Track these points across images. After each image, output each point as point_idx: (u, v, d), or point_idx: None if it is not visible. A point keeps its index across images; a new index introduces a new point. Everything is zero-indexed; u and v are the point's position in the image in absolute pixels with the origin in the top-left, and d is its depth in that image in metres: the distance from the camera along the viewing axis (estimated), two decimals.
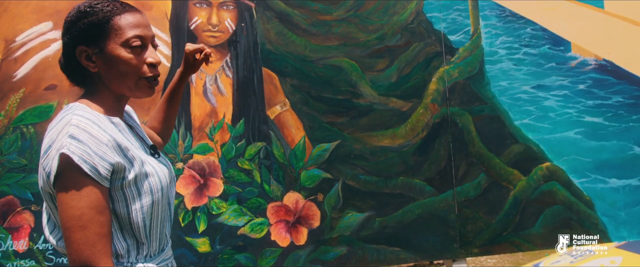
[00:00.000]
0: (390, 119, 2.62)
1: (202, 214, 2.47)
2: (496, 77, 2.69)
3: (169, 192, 1.30)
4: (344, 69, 2.61)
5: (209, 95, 2.52)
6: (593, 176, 2.69)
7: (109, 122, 1.21)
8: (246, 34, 2.56)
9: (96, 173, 1.10)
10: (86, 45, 1.21)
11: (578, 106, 2.71)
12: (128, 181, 1.16)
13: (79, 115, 1.15)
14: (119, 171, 1.15)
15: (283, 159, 2.54)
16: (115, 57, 1.21)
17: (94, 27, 1.20)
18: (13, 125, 2.35)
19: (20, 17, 2.37)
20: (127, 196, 1.17)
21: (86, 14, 1.21)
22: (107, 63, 1.22)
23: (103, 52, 1.21)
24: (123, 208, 1.17)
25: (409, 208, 2.60)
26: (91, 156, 1.10)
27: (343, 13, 2.63)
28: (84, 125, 1.13)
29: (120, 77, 1.23)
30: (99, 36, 1.21)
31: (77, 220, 1.08)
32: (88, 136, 1.11)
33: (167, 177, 1.28)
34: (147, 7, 2.48)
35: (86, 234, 1.08)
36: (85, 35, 1.20)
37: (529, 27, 2.74)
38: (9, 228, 2.33)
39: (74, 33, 1.21)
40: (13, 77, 2.36)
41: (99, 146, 1.11)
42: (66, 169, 1.09)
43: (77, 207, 1.08)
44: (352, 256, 2.54)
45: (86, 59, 1.21)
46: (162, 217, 1.27)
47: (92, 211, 1.09)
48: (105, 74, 1.23)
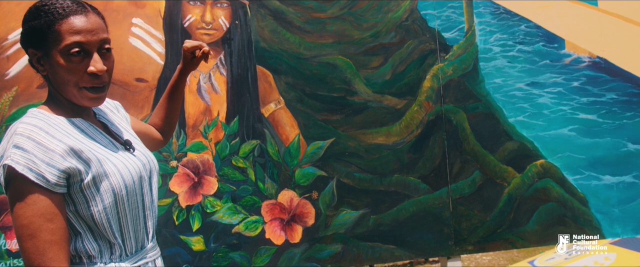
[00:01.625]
0: (384, 117, 2.62)
1: (197, 213, 2.46)
2: (490, 74, 2.69)
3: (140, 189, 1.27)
4: (339, 66, 2.60)
5: (203, 93, 2.51)
6: (587, 172, 2.70)
7: (68, 125, 1.19)
8: (240, 32, 2.55)
9: (44, 180, 1.08)
10: (34, 48, 1.19)
11: (572, 103, 2.72)
12: (86, 182, 1.15)
13: (26, 123, 1.13)
14: (74, 175, 1.13)
15: (277, 157, 2.53)
16: (55, 64, 1.17)
17: (37, 31, 1.17)
18: (5, 124, 2.33)
19: (12, 15, 2.35)
20: (88, 197, 1.16)
21: (32, 17, 1.18)
22: (51, 68, 1.19)
23: (47, 56, 1.18)
24: (86, 210, 1.16)
25: (404, 206, 2.60)
26: (36, 164, 1.08)
27: (337, 11, 2.63)
28: (29, 132, 1.11)
29: (62, 84, 1.19)
30: (42, 41, 1.17)
31: (26, 229, 1.07)
32: (33, 144, 1.09)
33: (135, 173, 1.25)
34: (141, 5, 2.47)
35: (35, 242, 1.08)
36: (31, 39, 1.18)
37: (523, 24, 2.74)
38: (2, 227, 2.32)
39: (22, 35, 1.19)
40: (5, 75, 2.34)
41: (46, 152, 1.10)
42: (12, 179, 1.09)
43: (24, 216, 1.08)
44: (346, 254, 2.54)
45: (36, 61, 1.20)
46: (133, 215, 1.25)
47: (40, 218, 1.08)
48: (53, 79, 1.20)
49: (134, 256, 1.25)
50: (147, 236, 1.31)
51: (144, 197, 1.29)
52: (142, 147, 1.38)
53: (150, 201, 1.32)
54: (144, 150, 1.37)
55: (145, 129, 1.59)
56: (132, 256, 1.25)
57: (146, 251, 1.29)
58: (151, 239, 1.33)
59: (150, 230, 1.32)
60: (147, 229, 1.31)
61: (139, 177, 1.26)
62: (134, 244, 1.26)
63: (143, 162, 1.30)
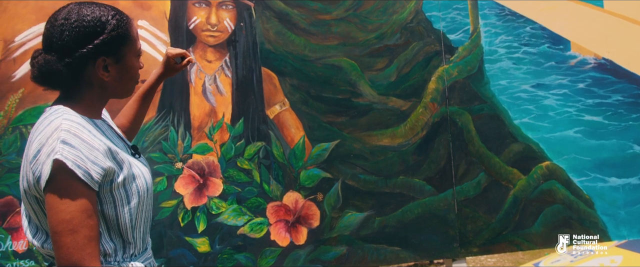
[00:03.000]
0: (389, 119, 2.62)
1: (202, 214, 2.46)
2: (496, 76, 2.69)
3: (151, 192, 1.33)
4: (343, 68, 2.61)
5: (208, 95, 2.52)
6: (593, 174, 2.69)
7: (93, 126, 1.22)
8: (245, 34, 2.56)
9: (89, 178, 1.11)
10: (106, 55, 1.22)
11: (578, 105, 2.71)
12: (117, 183, 1.18)
13: (69, 120, 1.15)
14: (109, 175, 1.16)
15: (282, 159, 2.53)
16: (129, 66, 1.28)
17: (119, 38, 1.23)
18: (12, 126, 2.35)
19: (18, 18, 2.37)
20: (116, 198, 1.19)
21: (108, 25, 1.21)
22: (120, 72, 1.26)
23: (120, 61, 1.25)
24: (111, 210, 1.19)
25: (409, 207, 2.60)
26: (84, 161, 1.11)
27: (342, 12, 2.63)
28: (75, 130, 1.13)
29: (127, 83, 1.30)
30: (120, 47, 1.24)
31: (67, 224, 1.09)
32: (80, 141, 1.12)
33: (150, 177, 1.32)
34: (146, 7, 2.48)
35: (76, 238, 1.09)
36: (109, 47, 1.22)
37: (529, 26, 2.74)
38: (8, 228, 2.33)
39: (98, 44, 1.20)
40: (12, 77, 2.36)
41: (91, 150, 1.13)
42: (59, 174, 1.10)
43: (67, 212, 1.09)
44: (351, 256, 2.54)
45: (103, 69, 1.22)
46: (145, 217, 1.30)
47: (83, 215, 1.10)
48: (113, 82, 1.26)
49: (142, 255, 1.29)
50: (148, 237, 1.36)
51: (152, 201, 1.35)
52: None
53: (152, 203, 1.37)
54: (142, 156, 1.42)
55: None
56: (140, 255, 1.29)
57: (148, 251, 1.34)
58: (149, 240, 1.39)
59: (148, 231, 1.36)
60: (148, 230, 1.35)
61: (151, 182, 1.32)
62: (141, 245, 1.30)
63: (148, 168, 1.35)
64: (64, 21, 1.19)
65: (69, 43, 1.18)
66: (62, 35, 1.18)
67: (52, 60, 1.17)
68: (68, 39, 1.18)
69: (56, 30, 1.19)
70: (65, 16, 1.20)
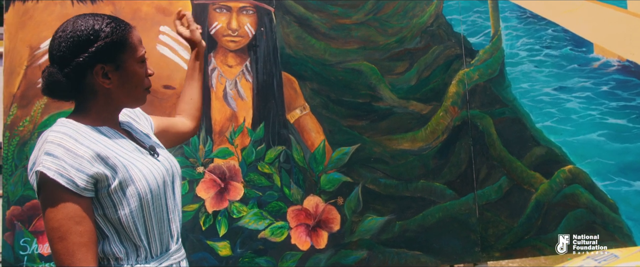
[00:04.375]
0: (410, 122, 2.61)
1: (223, 218, 2.48)
2: (517, 79, 2.67)
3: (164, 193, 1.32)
4: (364, 72, 2.61)
5: (229, 99, 2.54)
6: (617, 178, 2.65)
7: (95, 133, 1.25)
8: (266, 39, 2.57)
9: (74, 185, 1.14)
10: (104, 62, 1.25)
11: (601, 108, 2.68)
12: (113, 187, 1.20)
13: (56, 131, 1.19)
14: (101, 180, 1.19)
15: (303, 163, 2.54)
16: (131, 73, 1.29)
17: (114, 45, 1.26)
18: (38, 131, 2.39)
19: (44, 25, 2.41)
20: (115, 201, 1.21)
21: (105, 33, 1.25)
22: (122, 78, 1.28)
23: (120, 68, 1.27)
24: (113, 213, 1.22)
25: (430, 212, 2.58)
26: (67, 169, 1.14)
27: (362, 16, 2.63)
28: (59, 140, 1.17)
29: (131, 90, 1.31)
30: (117, 53, 1.26)
31: (56, 231, 1.13)
32: (63, 151, 1.16)
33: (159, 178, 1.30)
34: (168, 13, 2.51)
35: (65, 244, 1.13)
36: (105, 53, 1.25)
37: (550, 28, 2.71)
38: (34, 232, 2.37)
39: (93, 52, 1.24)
40: (38, 83, 2.40)
41: (75, 158, 1.16)
42: (44, 184, 1.15)
43: (55, 220, 1.14)
44: (372, 260, 2.54)
45: (103, 76, 1.25)
46: (158, 218, 1.30)
47: (70, 222, 1.14)
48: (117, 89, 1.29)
49: (158, 258, 1.30)
50: (171, 238, 1.35)
51: (168, 201, 1.34)
52: (165, 152, 1.44)
53: (173, 205, 1.37)
54: (168, 155, 1.44)
55: (171, 124, 1.66)
56: (157, 258, 1.29)
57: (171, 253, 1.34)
58: (176, 241, 1.38)
59: (174, 232, 1.37)
60: (172, 231, 1.36)
61: (162, 182, 1.32)
62: (158, 247, 1.30)
63: (166, 167, 1.36)
64: (62, 33, 1.25)
65: (66, 53, 1.23)
66: (60, 47, 1.24)
67: (54, 71, 1.23)
68: (65, 50, 1.23)
69: (55, 43, 1.25)
70: (63, 29, 1.26)
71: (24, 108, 2.39)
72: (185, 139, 1.76)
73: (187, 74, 1.78)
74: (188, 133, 1.73)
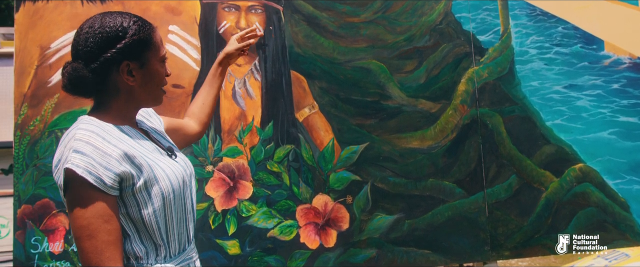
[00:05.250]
0: (419, 121, 2.61)
1: (232, 217, 2.48)
2: (527, 77, 2.65)
3: (183, 193, 1.33)
4: (372, 71, 2.60)
5: (238, 98, 2.54)
6: (628, 177, 2.63)
7: (118, 132, 1.25)
8: (274, 37, 2.57)
9: (102, 183, 1.14)
10: (129, 59, 1.25)
11: (612, 106, 2.66)
12: (138, 186, 1.21)
13: (83, 129, 1.19)
14: (127, 179, 1.19)
15: (312, 162, 2.54)
16: (154, 72, 1.31)
17: (141, 43, 1.27)
18: (48, 130, 2.40)
19: (54, 25, 2.42)
20: (139, 200, 1.22)
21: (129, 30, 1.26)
22: (145, 77, 1.29)
23: (144, 66, 1.28)
24: (136, 213, 1.22)
25: (439, 210, 2.58)
26: (95, 167, 1.14)
27: (371, 15, 2.62)
28: (87, 138, 1.17)
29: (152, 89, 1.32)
30: (143, 51, 1.28)
31: (85, 230, 1.13)
32: (92, 148, 1.16)
33: (179, 178, 1.32)
34: (177, 12, 2.52)
35: (94, 243, 1.13)
36: (132, 51, 1.26)
37: (560, 26, 2.69)
38: (45, 230, 2.38)
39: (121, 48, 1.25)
40: (48, 82, 2.41)
41: (103, 156, 1.16)
42: (72, 182, 1.15)
43: (84, 218, 1.14)
44: (381, 259, 2.53)
45: (128, 73, 1.26)
46: (178, 218, 1.31)
47: (99, 220, 1.14)
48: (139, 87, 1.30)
49: (177, 257, 1.31)
50: (188, 238, 1.36)
51: (186, 201, 1.35)
52: (180, 153, 1.44)
53: (191, 205, 1.38)
54: (183, 156, 1.44)
55: (179, 125, 1.66)
56: (175, 257, 1.30)
57: (187, 252, 1.35)
58: (191, 241, 1.38)
59: (190, 232, 1.38)
60: (189, 231, 1.37)
61: (182, 182, 1.32)
62: (177, 246, 1.31)
63: (183, 167, 1.36)
64: (89, 29, 1.25)
65: (93, 49, 1.23)
66: (87, 43, 1.24)
67: (79, 67, 1.23)
68: (92, 45, 1.23)
69: (81, 38, 1.25)
70: (90, 25, 1.26)
71: (35, 107, 2.40)
72: (190, 143, 1.75)
73: (207, 79, 1.79)
74: (194, 136, 1.73)
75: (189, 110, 1.75)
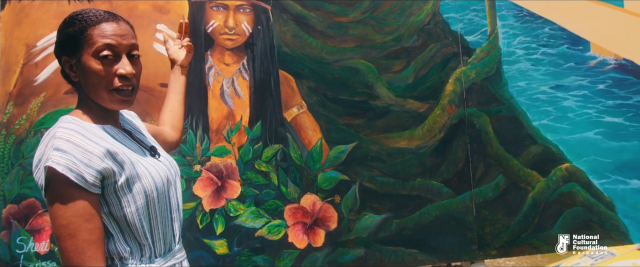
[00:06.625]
0: (407, 121, 2.61)
1: (220, 216, 2.48)
2: (514, 77, 2.67)
3: (167, 191, 1.31)
4: (361, 70, 2.61)
5: (226, 97, 2.53)
6: (613, 176, 2.66)
7: (100, 130, 1.24)
8: (263, 37, 2.57)
9: (83, 180, 1.12)
10: (67, 55, 1.25)
11: (598, 106, 2.68)
12: (120, 184, 1.19)
13: (63, 128, 1.18)
14: (109, 176, 1.17)
15: (300, 161, 2.54)
16: (87, 68, 1.23)
17: (70, 37, 1.23)
18: (34, 129, 2.38)
19: (40, 23, 2.40)
20: (121, 198, 1.20)
21: (66, 25, 1.25)
22: (83, 74, 1.24)
23: (79, 62, 1.23)
24: (119, 211, 1.20)
25: (427, 210, 2.59)
26: (77, 165, 1.12)
27: (359, 15, 2.63)
28: (68, 136, 1.15)
29: (93, 88, 1.25)
30: (75, 47, 1.23)
31: (66, 228, 1.11)
32: (72, 146, 1.14)
33: (163, 176, 1.30)
34: (165, 11, 2.50)
35: (75, 241, 1.11)
36: (65, 46, 1.25)
37: (547, 26, 2.71)
38: (30, 230, 2.36)
39: (57, 43, 1.27)
40: (34, 81, 2.39)
41: (84, 154, 1.14)
42: (52, 180, 1.12)
43: (64, 217, 1.11)
44: (369, 258, 2.54)
45: (69, 69, 1.25)
46: (162, 217, 1.29)
47: (79, 219, 1.12)
48: (84, 85, 1.26)
49: (162, 257, 1.29)
50: (174, 238, 1.35)
51: (171, 200, 1.34)
52: (164, 152, 1.43)
53: (176, 204, 1.37)
54: (167, 155, 1.44)
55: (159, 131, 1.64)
56: (161, 257, 1.29)
57: (174, 252, 1.34)
58: (178, 241, 1.37)
59: (177, 232, 1.36)
60: (175, 231, 1.35)
61: (166, 180, 1.31)
62: (162, 246, 1.30)
63: (167, 167, 1.35)
64: None
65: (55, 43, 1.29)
66: None
67: None
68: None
69: None
70: None
71: (20, 106, 2.38)
72: (171, 149, 1.71)
73: (169, 86, 1.71)
74: (173, 143, 1.68)
75: (160, 119, 1.68)
